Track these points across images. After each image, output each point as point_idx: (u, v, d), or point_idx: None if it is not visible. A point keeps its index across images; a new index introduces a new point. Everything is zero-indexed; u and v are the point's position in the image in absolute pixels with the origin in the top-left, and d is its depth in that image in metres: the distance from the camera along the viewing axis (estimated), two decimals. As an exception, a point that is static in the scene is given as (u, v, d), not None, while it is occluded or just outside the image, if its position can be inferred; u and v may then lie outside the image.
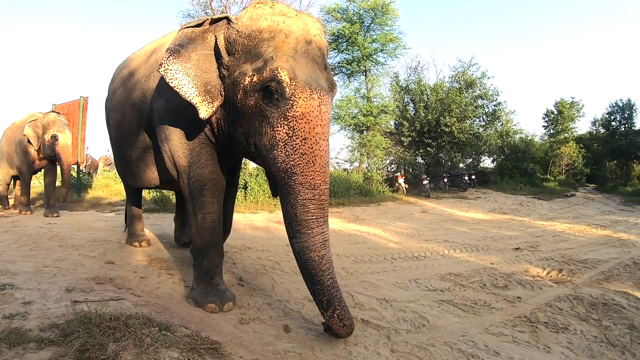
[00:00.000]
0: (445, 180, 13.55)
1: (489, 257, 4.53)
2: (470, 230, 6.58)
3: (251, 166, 9.73)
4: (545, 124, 23.19)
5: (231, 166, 2.99)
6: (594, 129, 23.63)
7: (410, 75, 17.05)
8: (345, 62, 14.83)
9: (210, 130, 2.45)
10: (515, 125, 19.21)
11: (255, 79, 2.06)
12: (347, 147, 15.76)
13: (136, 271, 3.13)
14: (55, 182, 6.48)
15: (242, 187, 8.10)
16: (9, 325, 1.73)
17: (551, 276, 3.81)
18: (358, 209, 8.75)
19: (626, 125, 21.60)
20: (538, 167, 18.34)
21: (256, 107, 2.09)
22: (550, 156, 19.81)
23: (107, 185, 9.34)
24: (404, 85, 16.53)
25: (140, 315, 1.98)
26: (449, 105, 14.46)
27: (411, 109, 16.06)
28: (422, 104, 15.15)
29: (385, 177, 12.87)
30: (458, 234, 6.14)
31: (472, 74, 16.23)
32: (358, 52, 14.38)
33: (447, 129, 14.32)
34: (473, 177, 14.47)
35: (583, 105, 22.41)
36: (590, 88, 64.45)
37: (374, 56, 14.91)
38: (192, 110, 2.21)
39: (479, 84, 16.20)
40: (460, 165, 16.51)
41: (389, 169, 15.59)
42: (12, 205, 6.96)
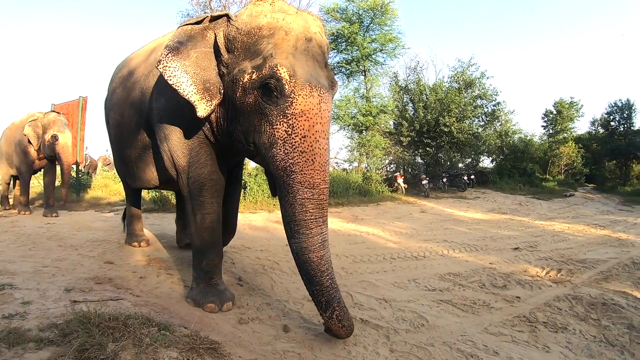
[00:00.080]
0: (445, 180, 13.57)
1: (488, 257, 4.54)
2: (470, 230, 6.59)
3: (250, 166, 9.71)
4: (545, 124, 23.24)
5: (232, 166, 2.97)
6: (593, 129, 23.67)
7: (410, 75, 17.15)
8: (344, 62, 14.83)
9: (210, 129, 2.43)
10: (514, 125, 19.31)
11: (254, 77, 2.04)
12: (346, 147, 15.81)
13: (135, 271, 3.13)
14: (55, 182, 6.47)
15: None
16: (8, 325, 1.73)
17: (550, 276, 3.82)
18: (357, 209, 8.75)
19: (625, 125, 21.65)
20: (537, 167, 18.37)
21: (255, 105, 2.06)
22: (550, 156, 19.84)
23: (106, 185, 9.31)
24: (403, 85, 16.59)
25: (139, 315, 1.97)
26: (448, 105, 14.49)
27: (410, 108, 16.09)
28: (421, 104, 15.19)
29: (385, 177, 12.87)
30: (457, 234, 6.14)
31: (471, 74, 16.28)
32: (357, 52, 14.38)
33: (446, 129, 14.35)
34: (472, 177, 14.49)
35: (582, 105, 22.46)
36: (590, 88, 64.63)
37: (373, 56, 14.92)
38: (191, 109, 2.18)
39: (478, 84, 16.25)
40: (460, 165, 16.52)
41: (388, 169, 15.61)
42: (12, 205, 6.95)
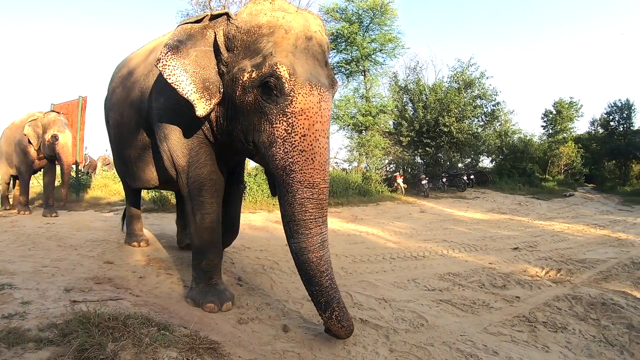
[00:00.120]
0: (444, 180, 13.58)
1: (488, 257, 4.54)
2: (469, 230, 6.59)
3: (250, 166, 9.71)
4: (544, 124, 23.21)
5: (233, 166, 2.95)
6: (593, 129, 23.68)
7: (409, 75, 17.16)
8: (344, 62, 14.80)
9: (210, 128, 2.43)
10: (514, 125, 19.29)
11: (254, 75, 2.03)
12: (345, 147, 15.78)
13: (135, 271, 3.13)
14: (54, 182, 6.46)
15: (241, 186, 8.08)
16: (8, 325, 1.73)
17: (550, 276, 3.82)
18: (357, 209, 8.75)
19: (625, 125, 21.66)
20: (537, 167, 18.38)
21: (255, 104, 2.05)
22: (549, 156, 19.84)
23: (106, 185, 9.31)
24: (403, 85, 16.59)
25: (139, 315, 1.97)
26: (448, 105, 14.49)
27: (410, 108, 16.10)
28: (420, 104, 15.19)
29: (384, 177, 12.86)
30: (457, 234, 6.15)
31: (471, 74, 16.29)
32: (357, 52, 14.36)
33: (445, 129, 14.35)
34: (472, 177, 14.49)
35: (582, 105, 22.43)
36: (589, 88, 64.52)
37: (373, 56, 14.89)
38: (190, 108, 2.17)
39: (477, 84, 16.26)
40: (459, 165, 16.52)
41: (387, 169, 15.59)
42: (12, 204, 6.94)
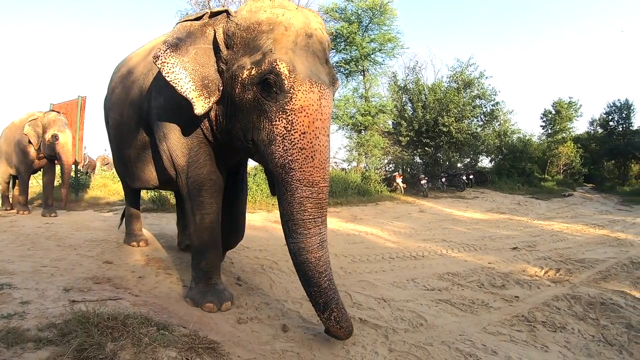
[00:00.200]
0: (443, 180, 13.59)
1: (487, 257, 4.54)
2: (468, 230, 6.60)
3: (249, 165, 9.70)
4: (543, 124, 23.24)
5: (235, 166, 2.93)
6: (592, 128, 23.75)
7: (409, 75, 17.18)
8: (343, 61, 14.80)
9: (209, 128, 2.41)
10: (513, 125, 19.35)
11: (253, 72, 2.01)
12: (345, 147, 15.77)
13: (134, 271, 3.12)
14: (54, 182, 6.44)
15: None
16: (7, 325, 1.72)
17: (549, 275, 3.83)
18: (356, 209, 8.75)
19: (624, 125, 21.72)
20: (536, 166, 18.40)
21: (254, 101, 2.03)
22: (548, 156, 19.86)
23: (105, 185, 9.29)
24: (402, 85, 16.61)
25: (138, 314, 1.97)
26: (447, 105, 14.51)
27: (409, 108, 16.11)
28: (420, 104, 15.21)
29: (383, 177, 12.87)
30: (456, 234, 6.16)
31: (470, 74, 16.34)
32: (356, 51, 14.35)
33: (445, 129, 14.36)
34: (471, 176, 14.51)
35: (581, 105, 22.48)
36: (588, 88, 64.63)
37: (372, 56, 14.89)
38: (190, 107, 2.16)
39: (476, 84, 16.30)
40: (458, 165, 16.55)
41: (387, 169, 15.61)
42: (12, 204, 6.92)
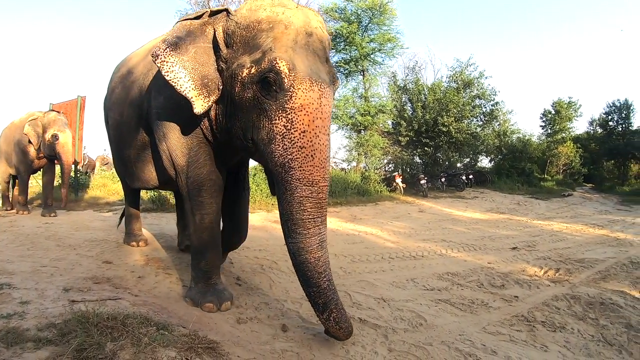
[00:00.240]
0: (443, 179, 13.60)
1: (487, 257, 4.55)
2: (468, 230, 6.60)
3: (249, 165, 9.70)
4: (543, 124, 23.24)
5: (237, 167, 2.92)
6: (592, 128, 23.77)
7: (408, 75, 17.17)
8: (342, 61, 14.80)
9: (209, 127, 2.40)
10: (512, 125, 19.39)
11: (253, 71, 2.00)
12: (344, 147, 15.79)
13: (134, 271, 3.12)
14: (54, 182, 6.44)
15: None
16: (7, 324, 1.72)
17: (548, 275, 3.83)
18: (355, 209, 8.75)
19: (623, 125, 21.74)
20: (535, 166, 18.43)
21: (254, 100, 2.02)
22: (548, 156, 19.87)
23: (105, 185, 9.29)
24: (402, 85, 16.61)
25: (137, 314, 1.97)
26: (447, 105, 14.51)
27: (409, 108, 16.12)
28: (419, 104, 15.22)
29: (383, 177, 12.86)
30: (455, 234, 6.16)
31: (470, 74, 16.33)
32: (356, 51, 14.35)
33: (444, 129, 14.36)
34: (470, 176, 14.52)
35: (580, 105, 22.49)
36: (588, 88, 64.76)
37: (372, 56, 14.89)
38: (189, 106, 2.15)
39: (476, 84, 16.30)
40: (458, 165, 16.57)
41: (386, 169, 15.61)
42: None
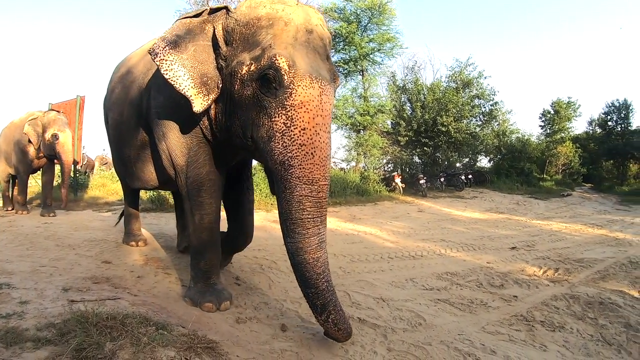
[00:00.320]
0: (442, 179, 13.63)
1: (486, 256, 4.55)
2: (467, 230, 6.60)
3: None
4: (542, 124, 23.29)
5: (239, 167, 2.90)
6: (591, 128, 23.81)
7: (407, 74, 17.20)
8: (342, 61, 14.78)
9: (209, 126, 2.39)
10: (511, 124, 19.40)
11: (252, 68, 1.99)
12: (344, 147, 15.77)
13: (133, 270, 3.12)
14: (53, 182, 6.43)
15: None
16: (6, 324, 1.72)
17: (547, 275, 3.83)
18: (355, 209, 8.75)
19: (622, 125, 21.78)
20: (535, 166, 18.44)
21: (254, 98, 2.00)
22: (547, 156, 19.89)
23: (104, 185, 9.27)
24: (401, 85, 16.64)
25: (137, 314, 1.97)
26: (446, 105, 14.53)
27: (408, 108, 16.14)
28: (419, 104, 15.23)
29: (382, 177, 12.87)
30: (455, 233, 6.16)
31: (469, 74, 16.36)
32: (355, 51, 14.35)
33: (443, 129, 14.38)
34: (470, 176, 14.53)
35: (580, 105, 22.57)
36: (587, 88, 64.90)
37: (371, 56, 14.89)
38: (189, 105, 2.14)
39: (475, 84, 16.33)
40: (457, 164, 16.59)
41: (385, 169, 15.63)
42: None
